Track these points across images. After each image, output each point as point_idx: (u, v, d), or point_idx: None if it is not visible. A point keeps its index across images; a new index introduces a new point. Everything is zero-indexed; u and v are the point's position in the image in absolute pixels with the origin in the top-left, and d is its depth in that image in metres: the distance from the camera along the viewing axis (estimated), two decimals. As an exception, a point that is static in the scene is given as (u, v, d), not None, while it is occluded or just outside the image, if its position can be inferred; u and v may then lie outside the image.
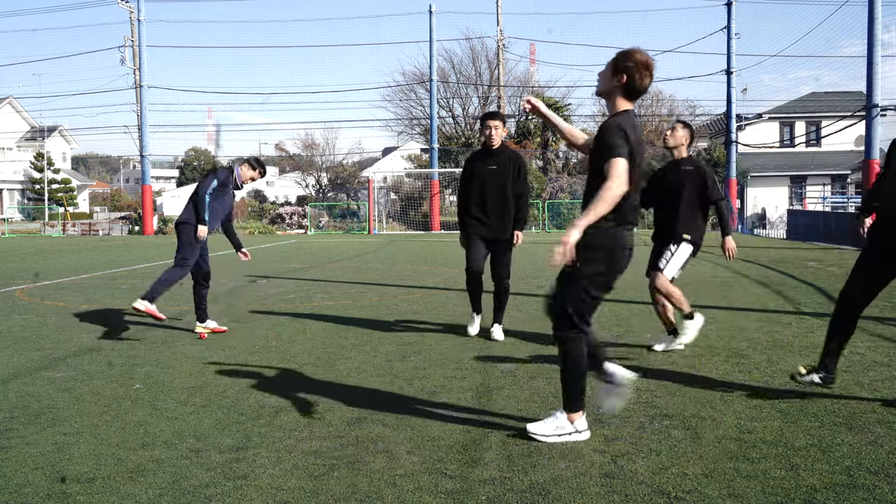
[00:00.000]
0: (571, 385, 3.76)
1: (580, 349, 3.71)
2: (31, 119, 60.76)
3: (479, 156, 6.64)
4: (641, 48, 3.68)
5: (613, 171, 3.51)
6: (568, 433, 3.76)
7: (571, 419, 3.78)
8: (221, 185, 6.95)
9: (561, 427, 3.76)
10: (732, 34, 31.16)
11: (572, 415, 3.78)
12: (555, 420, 3.79)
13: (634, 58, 3.65)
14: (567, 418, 3.78)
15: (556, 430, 3.76)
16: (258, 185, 56.44)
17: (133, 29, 33.99)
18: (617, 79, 3.68)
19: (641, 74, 3.64)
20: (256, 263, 15.36)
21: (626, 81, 3.66)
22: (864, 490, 3.14)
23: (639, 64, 3.64)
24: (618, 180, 3.49)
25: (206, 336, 6.79)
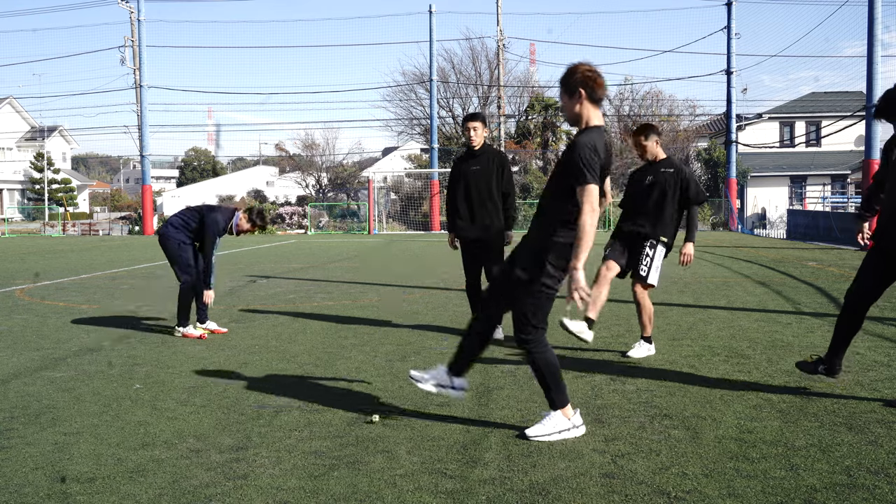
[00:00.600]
0: (550, 382, 3.83)
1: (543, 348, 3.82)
2: (31, 119, 60.76)
3: (463, 158, 6.74)
4: (581, 62, 3.79)
5: (588, 200, 3.60)
6: (567, 429, 3.81)
7: (566, 415, 3.83)
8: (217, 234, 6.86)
9: (558, 424, 3.81)
10: (732, 34, 31.15)
11: (564, 410, 3.84)
12: (550, 419, 3.83)
13: (580, 70, 3.76)
14: (561, 414, 3.83)
15: (555, 428, 3.80)
16: (258, 185, 56.50)
17: (133, 29, 33.99)
18: (577, 98, 3.76)
19: (592, 83, 3.74)
20: (257, 263, 15.36)
21: (586, 94, 3.74)
22: (864, 490, 3.14)
23: (585, 74, 3.74)
24: (594, 212, 3.60)
25: (205, 336, 6.79)
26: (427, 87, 36.24)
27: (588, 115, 3.79)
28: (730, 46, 31.22)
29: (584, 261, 3.58)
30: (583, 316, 5.49)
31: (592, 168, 3.61)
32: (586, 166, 3.60)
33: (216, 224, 6.81)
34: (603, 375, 5.16)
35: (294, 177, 50.72)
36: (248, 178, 64.37)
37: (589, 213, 3.58)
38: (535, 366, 3.85)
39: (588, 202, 3.59)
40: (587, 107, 3.78)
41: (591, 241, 3.59)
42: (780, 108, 38.81)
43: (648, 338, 5.86)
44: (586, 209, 3.59)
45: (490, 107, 38.50)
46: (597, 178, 3.63)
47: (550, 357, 3.84)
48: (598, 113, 3.82)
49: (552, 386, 3.84)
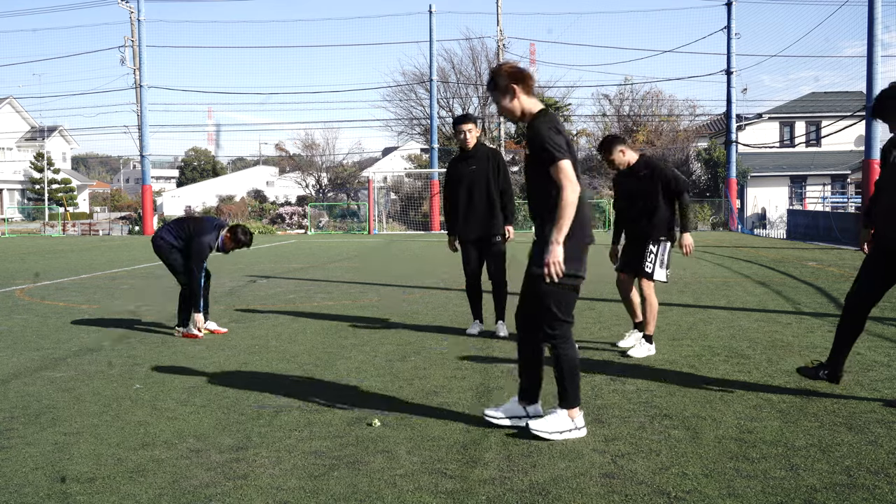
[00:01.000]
0: (568, 381, 3.82)
1: (569, 344, 3.82)
2: (31, 119, 60.75)
3: (458, 159, 6.75)
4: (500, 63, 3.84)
5: (565, 175, 3.60)
6: (568, 429, 3.80)
7: (572, 416, 3.83)
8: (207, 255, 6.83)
9: (563, 424, 3.80)
10: (732, 34, 31.14)
11: (572, 411, 3.83)
12: (556, 417, 3.82)
13: (504, 70, 3.81)
14: (567, 415, 3.82)
15: (558, 427, 3.79)
16: (258, 186, 56.48)
17: (133, 29, 33.98)
18: (511, 96, 3.79)
19: (521, 76, 3.78)
20: (257, 263, 15.35)
21: (520, 88, 3.78)
22: (864, 490, 3.14)
23: (512, 72, 3.79)
24: (572, 184, 3.60)
25: (201, 336, 6.79)
26: (427, 87, 36.24)
27: (529, 106, 3.81)
28: (730, 46, 31.22)
29: (564, 234, 3.60)
30: None
31: (558, 145, 3.63)
32: (552, 145, 3.62)
33: (203, 250, 6.75)
34: (603, 375, 5.16)
35: (294, 177, 50.70)
36: (248, 178, 64.36)
37: (568, 188, 3.59)
38: (557, 362, 3.82)
39: (564, 177, 3.60)
40: (525, 99, 3.81)
41: (572, 214, 3.60)
42: (780, 108, 38.81)
43: (650, 337, 5.87)
44: (564, 184, 3.59)
45: (490, 107, 38.48)
46: (566, 154, 3.63)
47: (574, 354, 3.83)
48: (537, 101, 3.85)
49: (569, 385, 3.82)
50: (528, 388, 4.01)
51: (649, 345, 5.86)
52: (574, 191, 3.59)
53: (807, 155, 37.19)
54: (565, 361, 3.82)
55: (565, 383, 3.83)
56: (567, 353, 3.81)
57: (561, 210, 3.59)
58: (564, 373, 3.82)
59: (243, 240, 6.94)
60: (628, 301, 6.10)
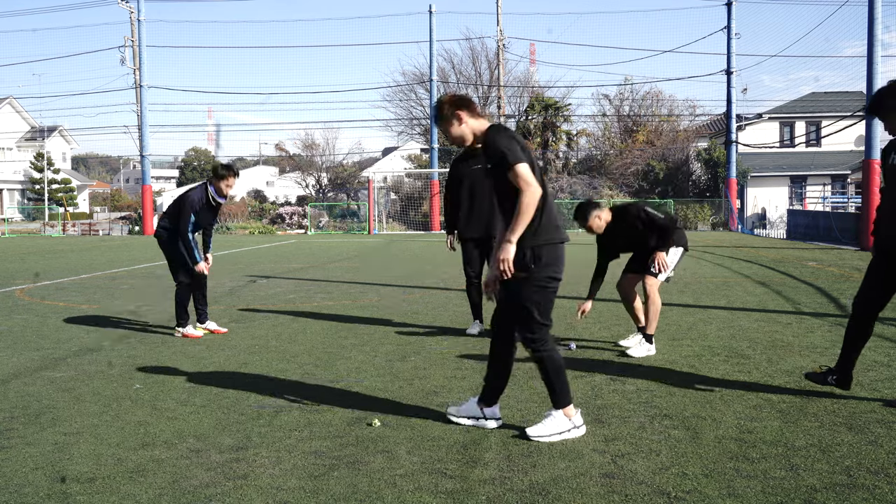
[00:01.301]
0: (555, 382, 3.84)
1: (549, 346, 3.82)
2: (31, 119, 60.75)
3: (462, 157, 6.75)
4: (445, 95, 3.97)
5: (522, 178, 3.62)
6: (567, 429, 3.81)
7: (567, 415, 3.84)
8: (197, 212, 6.79)
9: (560, 425, 3.81)
10: (732, 34, 31.14)
11: (566, 410, 3.84)
12: (552, 419, 3.83)
13: (447, 101, 3.88)
14: (563, 414, 3.83)
15: (556, 429, 3.80)
16: (258, 186, 56.47)
17: (133, 29, 33.99)
18: (457, 121, 3.84)
19: (464, 102, 3.87)
20: (257, 263, 15.36)
21: (466, 112, 3.83)
22: (864, 490, 3.14)
23: (454, 100, 3.87)
24: (530, 187, 3.60)
25: (200, 336, 6.79)
26: (427, 87, 36.26)
27: (478, 126, 3.86)
28: (730, 46, 31.22)
29: (518, 234, 3.62)
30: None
31: (513, 150, 3.65)
32: (506, 149, 3.65)
33: (192, 203, 6.76)
34: (603, 375, 5.16)
35: (294, 177, 50.70)
36: (248, 178, 64.36)
37: (526, 191, 3.60)
38: (540, 365, 3.86)
39: (522, 180, 3.61)
40: (472, 122, 3.85)
41: (530, 216, 3.61)
42: (780, 108, 38.80)
43: (650, 337, 5.87)
44: (522, 187, 3.61)
45: (490, 107, 38.50)
46: (522, 157, 3.64)
47: (556, 356, 3.85)
48: (485, 120, 3.89)
49: (557, 386, 3.84)
50: (490, 390, 4.01)
51: (649, 345, 5.87)
52: (532, 193, 3.60)
53: (807, 155, 37.18)
54: (549, 362, 3.83)
55: (554, 384, 3.84)
56: (550, 355, 3.83)
57: (519, 211, 3.62)
58: (550, 374, 3.84)
59: (225, 172, 6.85)
60: (631, 305, 6.10)
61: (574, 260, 3.77)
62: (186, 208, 6.75)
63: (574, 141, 38.36)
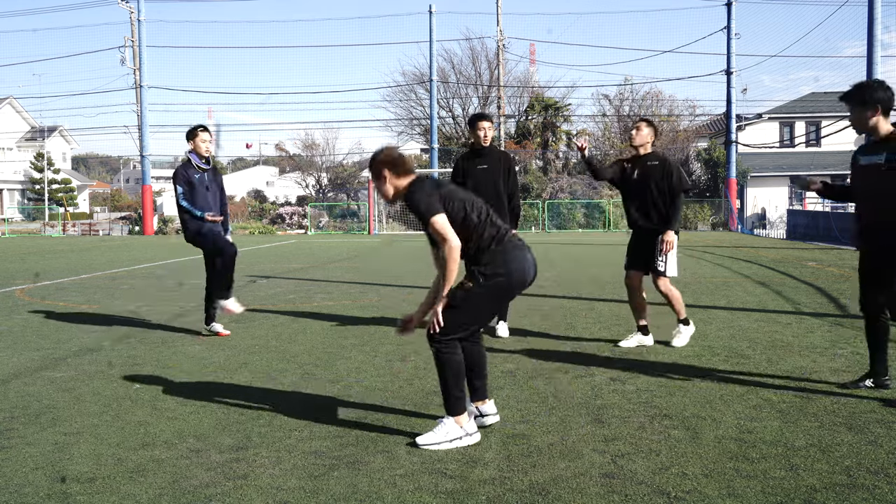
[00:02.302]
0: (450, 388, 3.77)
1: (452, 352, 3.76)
2: (31, 119, 60.76)
3: (468, 156, 6.75)
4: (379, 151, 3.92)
5: (440, 232, 3.67)
6: (458, 437, 3.73)
7: (458, 422, 3.75)
8: (188, 182, 6.79)
9: (450, 433, 3.73)
10: (732, 34, 31.15)
11: (458, 418, 3.75)
12: (443, 427, 3.75)
13: (378, 159, 3.86)
14: (454, 422, 3.75)
15: (447, 437, 3.72)
16: (258, 186, 56.48)
17: (133, 29, 33.99)
18: (382, 180, 3.85)
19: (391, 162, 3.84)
20: (256, 263, 15.36)
21: (391, 172, 3.83)
22: (864, 490, 3.14)
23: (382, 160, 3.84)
24: (445, 241, 3.65)
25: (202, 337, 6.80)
26: (427, 88, 36.25)
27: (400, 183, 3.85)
28: (730, 46, 31.23)
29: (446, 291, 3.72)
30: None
31: (429, 205, 3.68)
32: (423, 208, 3.68)
33: (176, 176, 6.82)
34: (603, 375, 5.16)
35: (294, 177, 50.72)
36: (248, 178, 64.36)
37: (442, 246, 3.67)
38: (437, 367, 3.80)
39: (438, 233, 3.67)
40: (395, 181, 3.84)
41: (455, 267, 3.66)
42: (780, 108, 38.81)
43: (686, 319, 6.13)
44: (440, 240, 3.68)
45: (490, 107, 38.50)
46: (437, 208, 3.68)
47: (456, 365, 3.78)
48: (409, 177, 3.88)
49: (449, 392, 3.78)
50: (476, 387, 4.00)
51: (686, 326, 6.14)
52: (449, 247, 3.64)
53: (807, 155, 37.19)
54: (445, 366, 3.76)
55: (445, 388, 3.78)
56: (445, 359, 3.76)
57: (445, 265, 3.67)
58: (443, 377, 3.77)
59: (194, 131, 6.89)
60: (635, 300, 6.18)
61: (592, 261, 3.74)
62: (175, 182, 6.84)
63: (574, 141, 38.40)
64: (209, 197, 6.89)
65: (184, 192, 6.78)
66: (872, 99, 4.43)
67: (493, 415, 4.02)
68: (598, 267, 13.63)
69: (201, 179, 6.85)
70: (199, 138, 6.87)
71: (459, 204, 3.77)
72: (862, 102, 4.47)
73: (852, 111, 4.52)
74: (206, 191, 6.88)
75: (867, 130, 4.54)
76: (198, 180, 6.82)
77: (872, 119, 4.46)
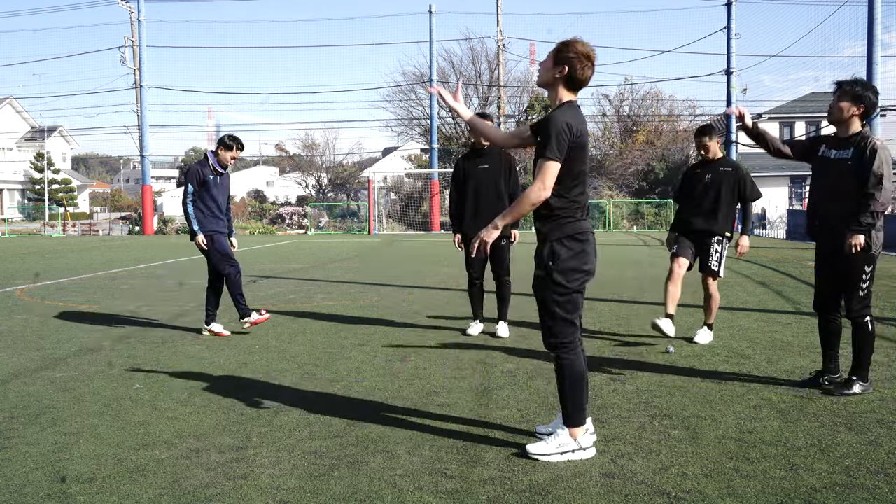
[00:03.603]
0: (570, 397, 3.58)
1: (574, 358, 3.56)
2: (31, 119, 60.77)
3: (469, 156, 6.74)
4: (582, 39, 3.59)
5: (541, 174, 3.46)
6: (571, 450, 3.55)
7: (573, 435, 3.58)
8: (202, 181, 6.81)
9: (563, 444, 3.55)
10: (732, 34, 31.15)
11: (574, 430, 3.58)
12: (556, 438, 3.58)
13: (575, 48, 3.55)
14: (569, 434, 3.58)
15: (559, 448, 3.55)
16: (258, 186, 56.47)
17: (133, 29, 34.00)
18: (558, 70, 3.57)
19: (583, 65, 3.55)
20: (256, 263, 15.35)
21: (568, 73, 3.56)
22: (864, 490, 3.14)
23: (580, 55, 3.54)
24: (542, 185, 3.45)
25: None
26: (427, 88, 36.22)
27: (561, 89, 3.61)
28: (730, 46, 31.23)
29: (505, 222, 3.59)
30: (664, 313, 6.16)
31: (554, 147, 3.45)
32: (550, 142, 3.45)
33: (192, 174, 6.81)
34: (603, 375, 5.16)
35: (294, 177, 50.74)
36: (248, 178, 64.34)
37: (538, 186, 3.45)
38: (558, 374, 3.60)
39: (543, 178, 3.46)
40: (563, 83, 3.59)
41: (525, 210, 3.53)
42: (780, 108, 38.80)
43: (711, 325, 6.35)
44: (538, 182, 3.46)
45: (490, 107, 38.51)
46: (557, 156, 3.45)
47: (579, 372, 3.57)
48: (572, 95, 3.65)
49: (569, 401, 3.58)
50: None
51: (710, 331, 6.34)
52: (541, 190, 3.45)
53: (807, 155, 37.14)
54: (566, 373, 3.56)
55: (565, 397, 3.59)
56: (567, 365, 3.56)
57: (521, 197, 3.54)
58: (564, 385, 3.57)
59: (233, 143, 6.91)
60: (674, 287, 6.28)
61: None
62: (187, 179, 6.86)
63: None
64: (219, 198, 6.95)
65: (193, 192, 6.81)
66: (865, 98, 4.51)
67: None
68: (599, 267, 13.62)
69: (215, 181, 6.90)
70: (233, 153, 6.92)
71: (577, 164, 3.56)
72: (855, 96, 4.53)
73: (841, 98, 4.57)
74: (218, 192, 6.93)
75: (841, 122, 4.60)
76: (211, 181, 6.86)
77: (853, 115, 4.55)
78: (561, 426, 3.62)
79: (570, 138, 3.48)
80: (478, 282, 6.77)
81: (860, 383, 4.59)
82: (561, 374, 3.58)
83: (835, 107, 4.61)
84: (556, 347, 3.57)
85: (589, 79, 3.61)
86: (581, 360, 3.59)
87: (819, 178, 4.73)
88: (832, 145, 4.67)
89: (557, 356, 3.58)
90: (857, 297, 4.58)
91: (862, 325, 4.62)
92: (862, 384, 4.59)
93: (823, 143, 4.76)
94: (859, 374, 4.61)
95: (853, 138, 4.57)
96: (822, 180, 4.69)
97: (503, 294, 6.72)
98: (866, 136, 4.55)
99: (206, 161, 6.92)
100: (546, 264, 3.58)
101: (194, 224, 6.80)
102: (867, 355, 4.64)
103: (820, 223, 4.67)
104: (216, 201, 6.91)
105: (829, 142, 4.72)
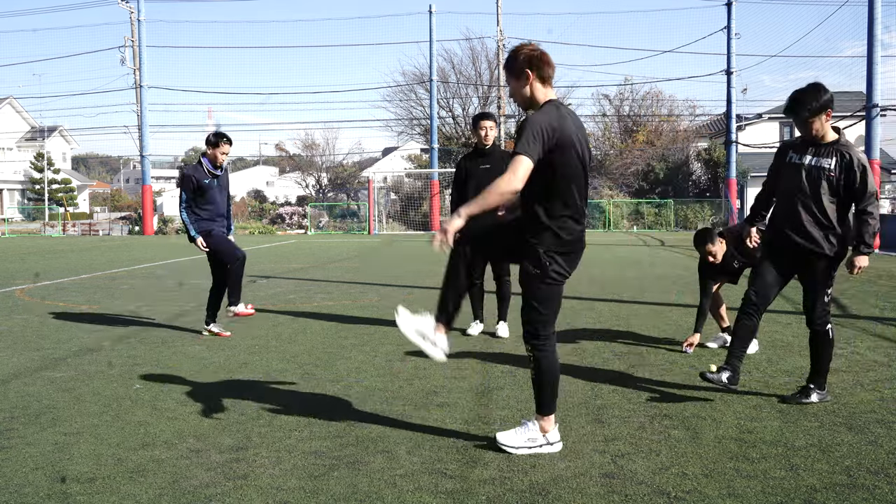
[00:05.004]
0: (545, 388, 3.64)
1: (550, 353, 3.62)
2: (31, 119, 60.76)
3: (471, 156, 6.74)
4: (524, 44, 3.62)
5: (513, 167, 3.40)
6: (539, 445, 3.61)
7: (544, 429, 3.63)
8: (196, 188, 6.78)
9: (532, 440, 3.62)
10: (732, 34, 31.17)
11: (544, 422, 3.63)
12: (526, 431, 3.63)
13: (520, 51, 3.58)
14: (539, 428, 3.63)
15: (527, 443, 3.61)
16: (258, 186, 56.49)
17: (133, 29, 33.99)
18: (525, 78, 3.58)
19: (536, 54, 3.56)
20: (257, 263, 15.35)
21: (534, 73, 3.56)
22: (864, 490, 3.14)
23: (526, 50, 3.57)
24: (512, 176, 3.38)
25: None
26: (427, 87, 36.24)
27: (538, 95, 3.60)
28: (730, 46, 31.24)
29: (470, 211, 3.44)
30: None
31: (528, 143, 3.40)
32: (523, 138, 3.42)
33: (186, 180, 6.79)
34: (603, 375, 5.16)
35: (294, 177, 50.76)
36: (248, 178, 64.36)
37: (508, 178, 3.37)
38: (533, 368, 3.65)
39: (513, 170, 3.38)
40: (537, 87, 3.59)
41: (493, 201, 3.42)
42: (780, 108, 38.65)
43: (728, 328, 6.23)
44: (509, 174, 3.38)
45: (490, 107, 38.49)
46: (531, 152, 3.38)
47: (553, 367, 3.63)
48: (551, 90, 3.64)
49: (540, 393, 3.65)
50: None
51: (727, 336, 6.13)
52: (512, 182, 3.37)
53: (807, 155, 37.13)
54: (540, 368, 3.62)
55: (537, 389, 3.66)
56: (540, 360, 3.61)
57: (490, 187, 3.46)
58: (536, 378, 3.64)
59: (216, 140, 6.88)
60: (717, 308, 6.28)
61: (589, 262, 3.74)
62: (181, 187, 6.87)
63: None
64: (218, 199, 6.94)
65: (188, 199, 6.80)
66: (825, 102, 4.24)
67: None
68: (599, 267, 13.61)
69: (211, 184, 6.87)
70: (221, 150, 6.88)
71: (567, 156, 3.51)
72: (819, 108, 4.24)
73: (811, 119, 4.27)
74: (216, 194, 6.91)
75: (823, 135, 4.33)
76: (207, 185, 6.83)
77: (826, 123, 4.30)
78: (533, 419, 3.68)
79: (545, 136, 3.42)
80: (478, 282, 6.77)
81: (817, 391, 4.44)
82: (539, 368, 3.61)
83: (809, 128, 4.31)
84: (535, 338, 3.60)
85: (551, 61, 3.60)
86: (556, 356, 3.65)
87: (788, 183, 4.43)
88: (802, 151, 4.42)
89: (533, 347, 3.61)
90: (822, 303, 4.47)
91: (824, 332, 4.48)
92: (819, 392, 4.44)
93: (791, 148, 4.50)
94: (817, 381, 4.46)
95: (833, 147, 4.33)
96: (792, 185, 4.41)
97: (503, 294, 6.73)
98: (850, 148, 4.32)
99: (200, 165, 6.89)
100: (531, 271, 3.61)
101: (191, 230, 6.81)
102: (826, 363, 4.48)
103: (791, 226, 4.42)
104: (215, 203, 6.90)
105: (796, 148, 4.46)
